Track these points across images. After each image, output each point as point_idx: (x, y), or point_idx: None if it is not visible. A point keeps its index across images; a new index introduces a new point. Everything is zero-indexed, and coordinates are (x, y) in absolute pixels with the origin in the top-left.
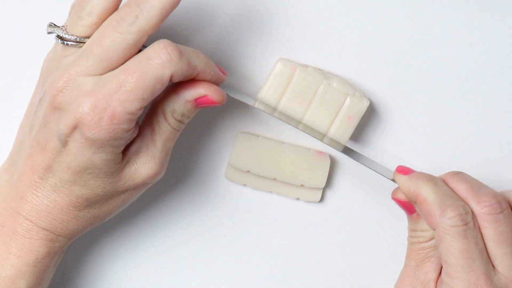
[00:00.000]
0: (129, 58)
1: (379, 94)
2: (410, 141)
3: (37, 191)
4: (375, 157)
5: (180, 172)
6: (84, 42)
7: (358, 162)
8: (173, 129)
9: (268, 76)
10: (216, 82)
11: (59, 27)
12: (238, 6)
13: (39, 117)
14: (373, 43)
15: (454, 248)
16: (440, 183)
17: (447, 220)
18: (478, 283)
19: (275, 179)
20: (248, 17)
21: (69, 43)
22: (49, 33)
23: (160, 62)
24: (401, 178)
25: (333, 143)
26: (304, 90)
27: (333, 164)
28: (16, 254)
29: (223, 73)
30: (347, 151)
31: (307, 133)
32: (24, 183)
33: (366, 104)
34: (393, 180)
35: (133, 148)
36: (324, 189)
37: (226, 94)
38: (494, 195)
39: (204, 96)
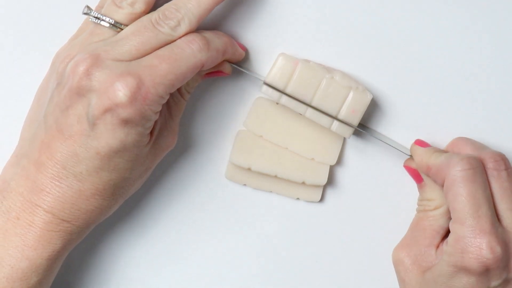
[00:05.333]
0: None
1: (381, 89)
2: (412, 135)
3: (60, 182)
4: (378, 151)
5: (180, 172)
6: (120, 28)
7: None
8: (185, 101)
9: (269, 71)
10: (236, 59)
11: (93, 11)
12: (238, 2)
13: (57, 103)
14: (373, 38)
15: (461, 194)
16: (448, 153)
17: (455, 165)
18: (483, 229)
19: (276, 176)
20: (249, 13)
21: (105, 24)
22: (85, 13)
23: (191, 52)
24: (418, 150)
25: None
26: (306, 84)
27: (332, 165)
28: (32, 247)
29: (242, 48)
30: (360, 129)
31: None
32: (43, 174)
33: (369, 97)
34: (410, 155)
35: (156, 128)
36: (324, 189)
37: (241, 69)
38: (498, 154)
39: (217, 71)
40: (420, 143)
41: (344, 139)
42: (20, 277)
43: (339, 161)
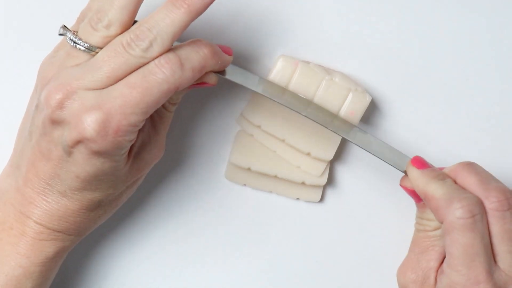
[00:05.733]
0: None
1: (380, 91)
2: (411, 137)
3: (46, 196)
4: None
5: (180, 173)
6: (95, 52)
7: (366, 151)
8: (171, 113)
9: (269, 72)
10: (223, 67)
11: (71, 31)
12: (238, 3)
13: (37, 125)
14: (373, 40)
15: (459, 242)
16: (449, 181)
17: (455, 212)
18: (477, 279)
19: (276, 176)
20: (249, 15)
21: (81, 48)
22: (60, 34)
23: (163, 77)
24: (414, 172)
25: (342, 127)
26: (306, 85)
27: (332, 164)
28: (25, 255)
29: (228, 53)
30: (355, 133)
31: (314, 120)
32: (31, 189)
33: (368, 99)
34: (404, 171)
35: (137, 143)
36: (324, 189)
37: (231, 80)
38: (504, 191)
39: (201, 82)
40: (417, 163)
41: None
42: (15, 284)
43: (339, 161)
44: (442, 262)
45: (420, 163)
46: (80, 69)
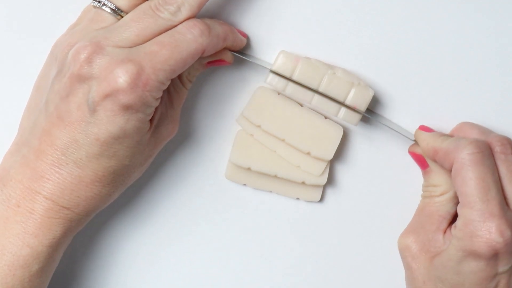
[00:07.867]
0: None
1: (382, 85)
2: (413, 131)
3: (60, 168)
4: (378, 151)
5: (180, 172)
6: (120, 15)
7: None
8: (187, 90)
9: (270, 69)
10: (238, 47)
11: None
12: (238, 0)
13: (58, 90)
14: (375, 35)
15: (470, 178)
16: (455, 137)
17: (464, 149)
18: (492, 212)
19: (276, 175)
20: (250, 9)
21: (107, 9)
22: None
23: (192, 37)
24: (423, 135)
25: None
26: (308, 80)
27: (332, 164)
28: (33, 234)
29: (243, 35)
30: (367, 114)
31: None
32: (43, 161)
33: (371, 93)
34: (414, 140)
35: (157, 115)
36: (324, 189)
37: (243, 57)
38: (506, 137)
39: (218, 60)
40: (424, 128)
41: (343, 135)
42: (22, 264)
43: (339, 160)
44: (447, 225)
45: (427, 128)
46: (108, 30)
